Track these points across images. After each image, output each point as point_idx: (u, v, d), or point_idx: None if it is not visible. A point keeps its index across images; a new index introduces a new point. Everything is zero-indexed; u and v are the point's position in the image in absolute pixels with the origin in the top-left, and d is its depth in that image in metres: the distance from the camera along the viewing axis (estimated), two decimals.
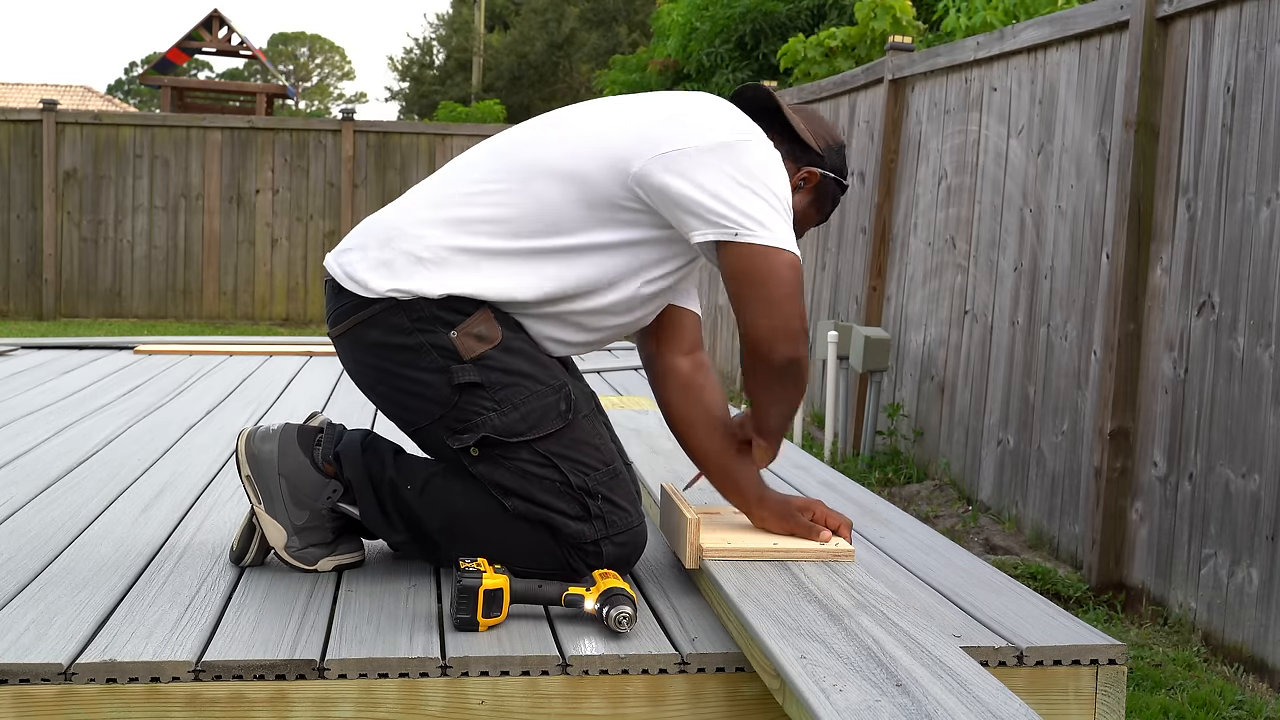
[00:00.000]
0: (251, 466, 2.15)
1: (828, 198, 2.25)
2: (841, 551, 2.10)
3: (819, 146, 2.21)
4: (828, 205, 2.27)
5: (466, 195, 2.09)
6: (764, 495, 2.19)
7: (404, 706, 1.76)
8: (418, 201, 2.14)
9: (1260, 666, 3.45)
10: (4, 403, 3.95)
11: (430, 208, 2.10)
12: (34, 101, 20.69)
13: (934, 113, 5.89)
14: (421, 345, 2.05)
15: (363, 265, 2.09)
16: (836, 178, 2.25)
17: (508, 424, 2.04)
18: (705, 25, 12.34)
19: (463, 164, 2.17)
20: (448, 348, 2.04)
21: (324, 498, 2.13)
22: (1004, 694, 1.53)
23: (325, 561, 2.16)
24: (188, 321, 12.14)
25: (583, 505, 2.05)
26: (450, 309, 2.04)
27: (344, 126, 12.28)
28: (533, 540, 2.07)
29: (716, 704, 1.82)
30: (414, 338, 2.05)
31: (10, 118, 11.99)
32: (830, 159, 2.23)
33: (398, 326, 2.05)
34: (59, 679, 1.70)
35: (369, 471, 2.12)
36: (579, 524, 2.05)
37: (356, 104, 53.29)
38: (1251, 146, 3.61)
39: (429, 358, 2.04)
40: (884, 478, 5.67)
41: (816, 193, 2.23)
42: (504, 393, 2.04)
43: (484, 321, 2.05)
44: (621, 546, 2.08)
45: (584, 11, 30.06)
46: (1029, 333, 4.83)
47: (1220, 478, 3.67)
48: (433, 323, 2.04)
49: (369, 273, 2.07)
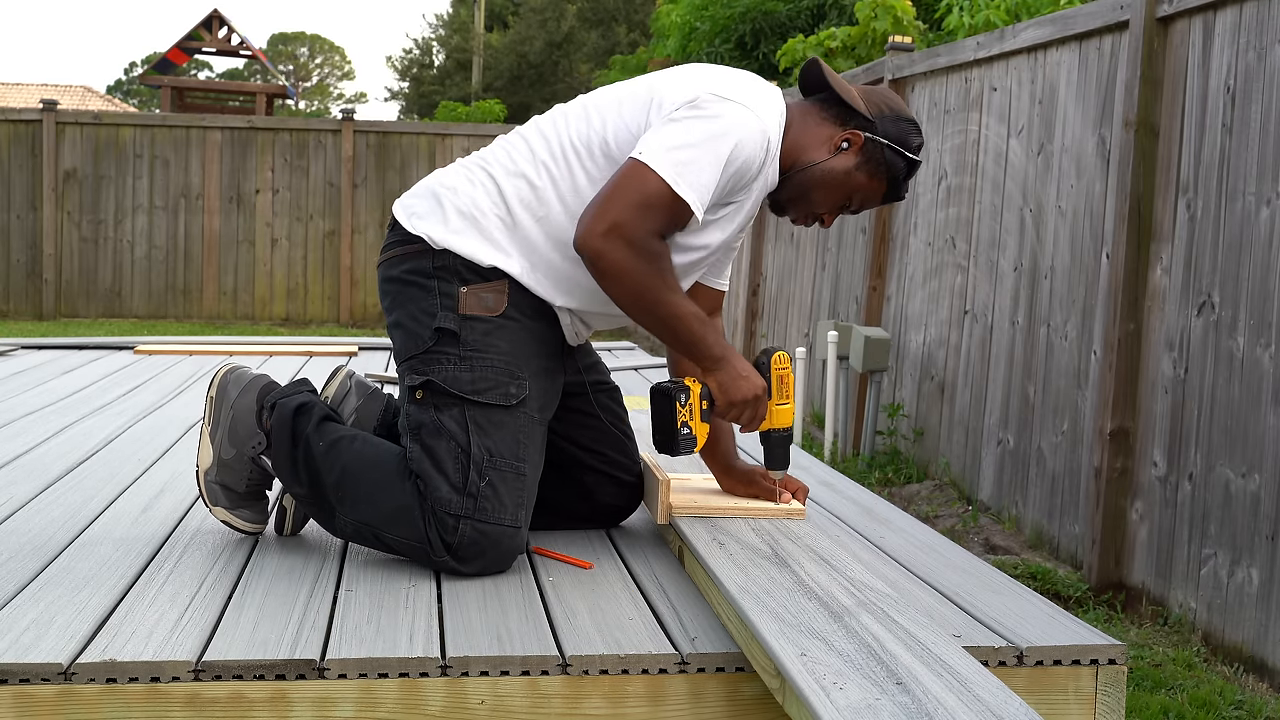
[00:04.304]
0: (217, 390, 2.32)
1: (882, 166, 2.25)
2: (794, 510, 2.37)
3: (869, 112, 2.24)
4: (884, 174, 2.25)
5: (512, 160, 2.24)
6: (732, 464, 2.43)
7: (404, 706, 1.76)
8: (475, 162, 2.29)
9: (1260, 666, 3.45)
10: (4, 403, 3.95)
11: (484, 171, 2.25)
12: (34, 101, 20.69)
13: (934, 112, 5.89)
14: (433, 289, 2.20)
15: (415, 208, 2.27)
16: (893, 146, 2.24)
17: (456, 378, 2.16)
18: (705, 25, 12.34)
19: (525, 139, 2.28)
20: (451, 297, 2.18)
21: (250, 445, 2.27)
22: (1004, 693, 1.53)
23: (220, 511, 2.31)
24: (187, 321, 12.14)
25: (464, 477, 2.11)
26: (473, 270, 2.19)
27: (344, 126, 12.28)
28: (404, 504, 2.13)
29: (716, 704, 1.82)
30: (430, 280, 2.20)
31: (10, 118, 11.99)
32: (884, 126, 2.25)
33: (422, 269, 2.21)
34: (59, 679, 1.70)
35: (294, 425, 2.24)
36: (451, 492, 2.11)
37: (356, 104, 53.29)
38: (1251, 146, 3.61)
39: (432, 300, 2.19)
40: (884, 478, 5.67)
41: (864, 156, 2.24)
42: (471, 353, 2.17)
43: (495, 292, 2.19)
44: (482, 535, 2.10)
45: (583, 11, 30.07)
46: (1029, 333, 4.83)
47: (1220, 478, 3.67)
48: (452, 275, 2.19)
49: (418, 215, 2.25)
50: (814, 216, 2.32)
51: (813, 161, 2.24)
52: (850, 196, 2.27)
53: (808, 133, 2.25)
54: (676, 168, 2.07)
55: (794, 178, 2.25)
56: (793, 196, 2.28)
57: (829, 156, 2.24)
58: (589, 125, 2.22)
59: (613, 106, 2.23)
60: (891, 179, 2.26)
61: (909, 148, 2.26)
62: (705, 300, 2.41)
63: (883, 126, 2.24)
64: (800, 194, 2.27)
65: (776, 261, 8.22)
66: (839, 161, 2.24)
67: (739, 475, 2.43)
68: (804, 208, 2.30)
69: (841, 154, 2.24)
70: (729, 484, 2.44)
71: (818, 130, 2.25)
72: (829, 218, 2.32)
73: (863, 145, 2.24)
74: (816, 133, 2.25)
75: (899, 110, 2.27)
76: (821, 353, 6.50)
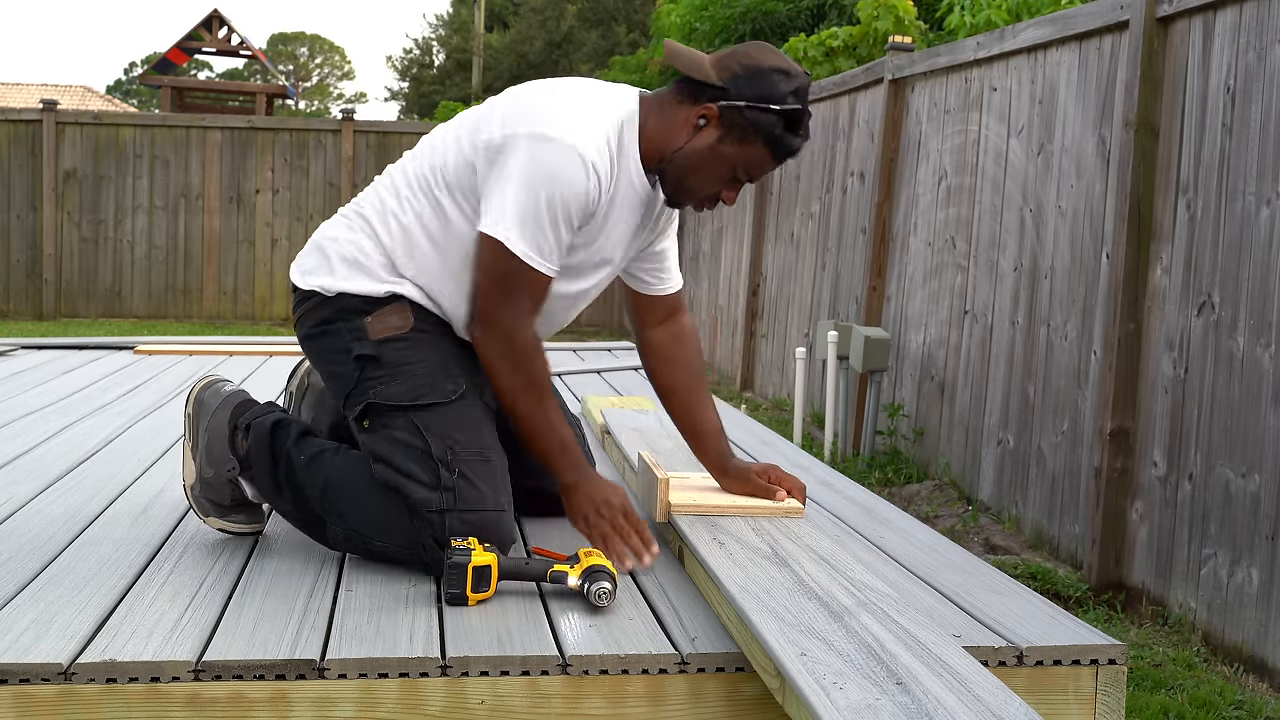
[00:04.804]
0: (193, 406, 2.37)
1: (750, 128, 2.13)
2: (792, 508, 2.36)
3: (720, 79, 2.14)
4: (755, 135, 2.14)
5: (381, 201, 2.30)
6: (727, 464, 2.43)
7: (404, 706, 1.76)
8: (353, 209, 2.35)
9: (1260, 666, 3.45)
10: (4, 403, 3.95)
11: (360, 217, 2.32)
12: (34, 101, 20.69)
13: (934, 112, 5.89)
14: (340, 329, 2.26)
15: (305, 265, 2.34)
16: (754, 105, 2.11)
17: (391, 392, 2.20)
18: (705, 25, 12.35)
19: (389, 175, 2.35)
20: (359, 329, 2.24)
21: (224, 470, 2.30)
22: (1004, 693, 1.53)
23: (214, 520, 2.33)
24: (187, 321, 12.14)
25: (435, 474, 2.13)
26: (371, 302, 2.25)
27: (344, 126, 12.28)
28: (391, 512, 2.16)
29: (716, 704, 1.82)
30: (335, 324, 2.27)
31: (10, 118, 11.99)
32: (739, 88, 2.12)
33: (325, 318, 2.28)
34: (59, 679, 1.70)
35: (272, 444, 2.27)
36: (428, 491, 2.13)
37: (356, 104, 53.29)
38: (1251, 146, 3.61)
39: (343, 339, 2.25)
40: (884, 478, 5.67)
41: (725, 125, 2.14)
42: (398, 369, 2.21)
43: (398, 312, 2.24)
44: (470, 525, 2.12)
45: (583, 11, 30.06)
46: (1029, 333, 4.83)
47: (1220, 478, 3.67)
48: (352, 313, 2.25)
49: (308, 272, 2.32)
50: (708, 199, 2.24)
51: (676, 148, 2.17)
52: (731, 169, 2.18)
53: (665, 121, 2.19)
54: (520, 236, 2.10)
55: (666, 170, 2.20)
56: (674, 188, 2.23)
57: (689, 138, 2.16)
58: (433, 156, 2.26)
59: (451, 133, 2.27)
60: (767, 137, 2.14)
61: (774, 99, 2.12)
62: (663, 305, 2.45)
63: (737, 89, 2.12)
64: (678, 183, 2.21)
65: (776, 261, 8.22)
66: (700, 139, 2.16)
67: (735, 474, 2.43)
68: (690, 194, 2.23)
69: (701, 131, 2.15)
70: (726, 483, 2.45)
71: (674, 115, 2.19)
72: (727, 195, 2.23)
73: (719, 116, 2.14)
74: (674, 118, 2.18)
75: (756, 65, 2.14)
76: (821, 353, 6.50)
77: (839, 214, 7.05)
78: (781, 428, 6.89)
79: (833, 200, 7.18)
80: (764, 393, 8.33)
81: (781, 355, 8.01)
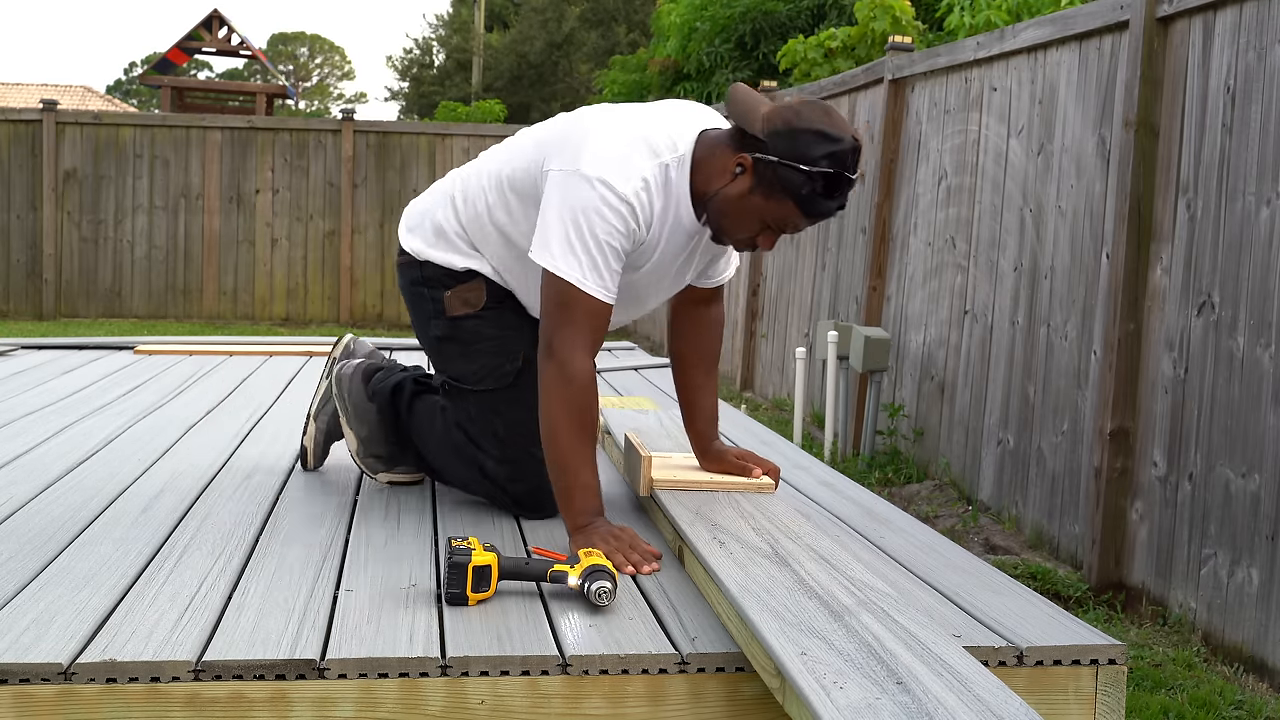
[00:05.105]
0: (334, 381, 2.80)
1: (777, 184, 2.19)
2: (764, 484, 2.54)
3: (763, 131, 2.20)
4: (782, 192, 2.19)
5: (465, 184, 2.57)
6: (708, 446, 2.62)
7: (404, 706, 1.76)
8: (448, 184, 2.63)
9: (1260, 666, 3.45)
10: (4, 403, 3.95)
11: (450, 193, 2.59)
12: (34, 101, 20.69)
13: (934, 113, 5.89)
14: (424, 295, 2.60)
15: (409, 221, 2.67)
16: (785, 162, 2.17)
17: (463, 373, 2.56)
18: (705, 25, 12.35)
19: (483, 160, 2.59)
20: (439, 302, 2.57)
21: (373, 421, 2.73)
22: (1004, 692, 1.53)
23: (383, 475, 2.77)
24: (187, 321, 12.14)
25: (501, 448, 2.51)
26: (452, 276, 2.55)
27: (344, 126, 12.27)
28: (472, 474, 2.58)
29: (716, 704, 1.82)
30: (421, 288, 2.60)
31: (10, 118, 11.99)
32: (776, 144, 2.18)
33: (414, 278, 2.61)
34: (59, 679, 1.70)
35: (394, 408, 2.71)
36: (498, 465, 2.53)
37: (356, 104, 53.30)
38: (1251, 146, 3.61)
39: (426, 305, 2.60)
40: (884, 478, 5.67)
41: (757, 177, 2.21)
42: (469, 347, 2.55)
43: (474, 290, 2.54)
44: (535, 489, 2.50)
45: (584, 11, 30.06)
46: (1029, 333, 4.83)
47: (1220, 478, 3.67)
48: (436, 283, 2.57)
49: (409, 230, 2.65)
50: (745, 242, 2.33)
51: (715, 190, 2.27)
52: (760, 219, 2.25)
53: (713, 162, 2.28)
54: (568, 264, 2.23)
55: (708, 208, 2.30)
56: (713, 225, 2.32)
57: (727, 183, 2.25)
58: (511, 158, 2.48)
59: (528, 142, 2.46)
60: (795, 196, 2.19)
61: (807, 160, 2.16)
62: (703, 291, 2.62)
63: (774, 145, 2.18)
64: (716, 222, 2.31)
65: (777, 261, 8.22)
66: (735, 187, 2.24)
67: (714, 455, 2.61)
68: (726, 235, 2.33)
69: (737, 179, 2.24)
70: (705, 462, 2.62)
71: (721, 159, 2.27)
72: (762, 241, 2.30)
73: (753, 167, 2.21)
74: (720, 161, 2.27)
75: (799, 124, 2.18)
76: (821, 353, 6.50)
77: (839, 214, 7.05)
78: (781, 428, 6.89)
79: None
80: (764, 393, 8.33)
81: (781, 355, 8.01)
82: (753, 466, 2.56)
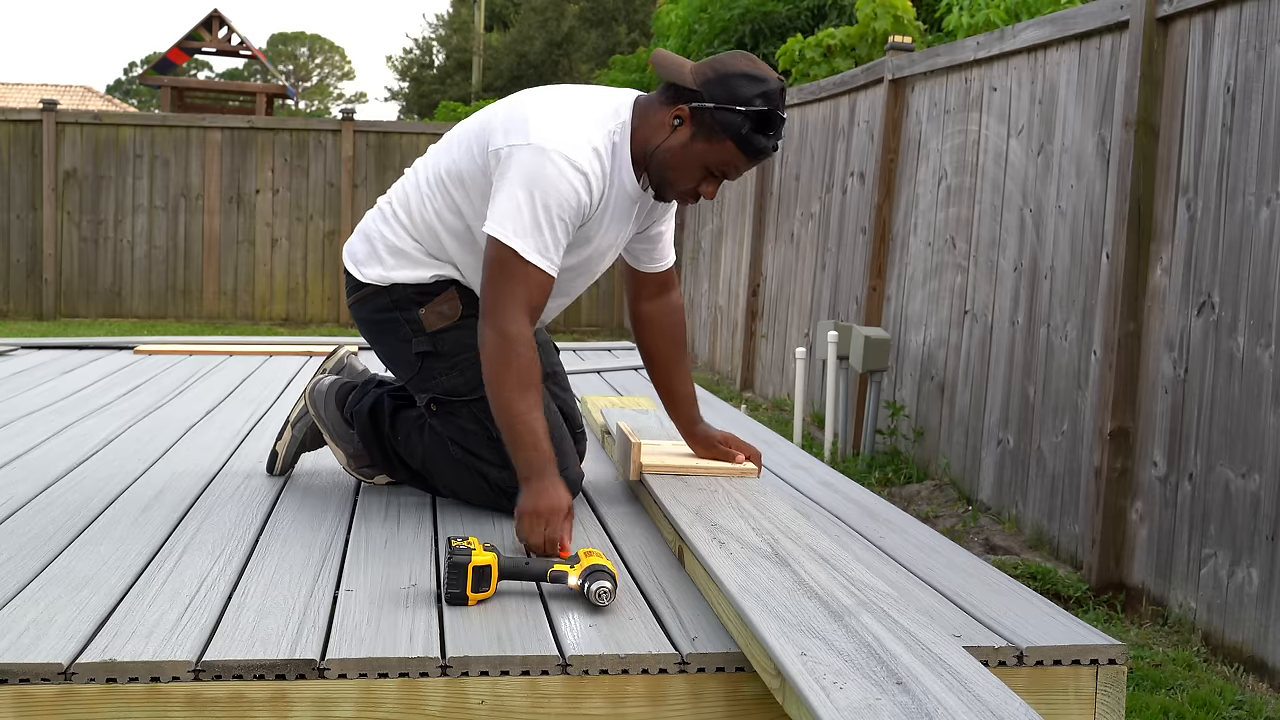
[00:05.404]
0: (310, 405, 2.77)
1: (717, 127, 2.31)
2: (747, 469, 2.65)
3: (694, 82, 2.34)
4: (723, 134, 2.31)
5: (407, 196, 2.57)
6: (694, 428, 2.70)
7: (404, 706, 1.76)
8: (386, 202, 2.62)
9: (1260, 666, 3.45)
10: (4, 403, 3.95)
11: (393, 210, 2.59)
12: (34, 101, 20.69)
13: (934, 113, 5.89)
14: (398, 319, 2.56)
15: (356, 254, 2.63)
16: (722, 106, 2.31)
17: (453, 386, 2.53)
18: (705, 25, 12.34)
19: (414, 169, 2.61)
20: (415, 321, 2.55)
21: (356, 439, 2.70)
22: (1004, 692, 1.53)
23: (382, 477, 2.74)
24: (187, 321, 12.14)
25: (501, 454, 2.44)
26: (422, 291, 2.54)
27: (344, 126, 12.27)
28: (474, 484, 2.55)
29: (716, 704, 1.82)
30: (393, 313, 2.57)
31: (10, 118, 11.98)
32: (710, 90, 2.33)
33: (383, 305, 2.58)
34: (59, 679, 1.70)
35: (374, 429, 2.67)
36: (499, 470, 2.49)
37: (356, 104, 53.28)
38: (1251, 146, 3.61)
39: (402, 328, 2.56)
40: (884, 478, 5.67)
41: (696, 125, 2.34)
42: (454, 359, 2.52)
43: (448, 301, 2.54)
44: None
45: (583, 11, 30.06)
46: (1029, 333, 4.83)
47: (1220, 478, 3.67)
48: (408, 302, 2.55)
49: (360, 262, 2.61)
50: (688, 193, 2.43)
51: (655, 145, 2.38)
52: (704, 165, 2.36)
53: (649, 122, 2.40)
54: (517, 234, 2.29)
55: (650, 166, 2.41)
56: (655, 183, 2.44)
57: (667, 136, 2.37)
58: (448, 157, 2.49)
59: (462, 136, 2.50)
60: (735, 136, 2.31)
61: (741, 100, 2.30)
62: (655, 280, 2.69)
63: (708, 91, 2.31)
64: (660, 177, 2.42)
65: (776, 261, 8.22)
66: (675, 138, 2.35)
67: (700, 439, 2.71)
68: (669, 188, 2.43)
69: (676, 130, 2.35)
70: (692, 444, 2.72)
71: (657, 116, 2.39)
72: (705, 189, 2.41)
73: (690, 116, 2.34)
74: (656, 119, 2.39)
75: (727, 69, 2.33)
76: (821, 353, 6.50)
77: (839, 214, 7.05)
78: (781, 428, 6.89)
79: (833, 200, 7.18)
80: (764, 393, 8.33)
81: (781, 355, 8.01)
82: (736, 452, 2.67)
